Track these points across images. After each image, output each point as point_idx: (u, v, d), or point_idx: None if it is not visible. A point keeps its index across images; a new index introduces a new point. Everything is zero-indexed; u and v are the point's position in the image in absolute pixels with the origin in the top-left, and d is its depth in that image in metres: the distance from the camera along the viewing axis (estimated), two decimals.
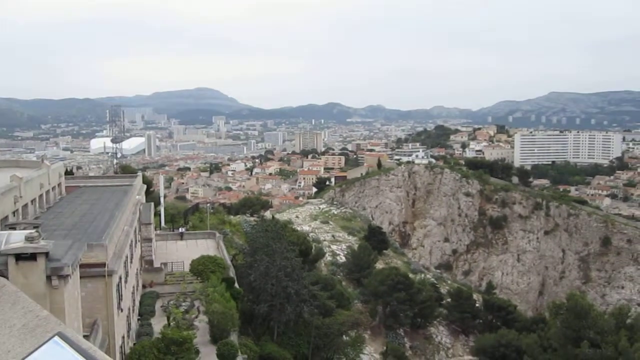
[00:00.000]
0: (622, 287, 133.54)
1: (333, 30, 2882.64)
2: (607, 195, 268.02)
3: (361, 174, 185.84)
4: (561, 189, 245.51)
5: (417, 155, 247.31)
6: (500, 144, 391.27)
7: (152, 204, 57.25)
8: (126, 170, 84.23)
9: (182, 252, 57.10)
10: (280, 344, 43.77)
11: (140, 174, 62.63)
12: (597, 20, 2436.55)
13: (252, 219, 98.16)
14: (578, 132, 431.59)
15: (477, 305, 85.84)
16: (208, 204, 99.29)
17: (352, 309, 62.63)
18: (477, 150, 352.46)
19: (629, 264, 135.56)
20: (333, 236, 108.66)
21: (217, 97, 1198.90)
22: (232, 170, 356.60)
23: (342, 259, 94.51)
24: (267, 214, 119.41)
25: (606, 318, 45.36)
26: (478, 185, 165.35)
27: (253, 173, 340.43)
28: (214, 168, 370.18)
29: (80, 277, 23.60)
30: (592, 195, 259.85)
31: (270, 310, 44.30)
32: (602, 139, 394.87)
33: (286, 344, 44.51)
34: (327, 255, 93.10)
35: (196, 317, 39.95)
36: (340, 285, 73.15)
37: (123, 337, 31.03)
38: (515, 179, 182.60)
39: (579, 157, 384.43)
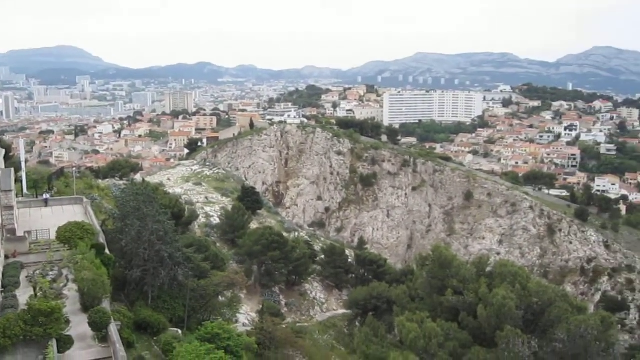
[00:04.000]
0: (483, 238, 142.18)
1: None
2: (469, 152, 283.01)
3: (234, 134, 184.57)
4: (427, 147, 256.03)
5: (289, 115, 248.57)
6: (370, 103, 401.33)
7: (12, 169, 54.10)
8: None
9: (48, 219, 54.53)
10: (155, 309, 43.18)
11: None
12: None
13: (121, 182, 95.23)
14: (443, 92, 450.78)
15: (349, 260, 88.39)
16: (74, 168, 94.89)
17: (228, 269, 62.56)
18: (347, 110, 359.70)
19: (489, 216, 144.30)
20: (206, 198, 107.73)
21: (81, 56, 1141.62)
22: (99, 133, 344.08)
23: (216, 220, 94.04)
24: (138, 177, 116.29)
25: (468, 267, 48.10)
26: (349, 144, 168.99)
27: (121, 135, 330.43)
28: (80, 130, 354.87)
29: None
30: (455, 152, 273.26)
31: (144, 275, 43.49)
32: (465, 99, 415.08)
33: (161, 308, 43.97)
34: (200, 217, 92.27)
35: (65, 285, 38.56)
36: (214, 246, 72.84)
37: None
38: (384, 138, 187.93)
39: (443, 116, 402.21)
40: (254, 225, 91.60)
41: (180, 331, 41.58)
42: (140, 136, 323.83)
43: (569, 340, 37.67)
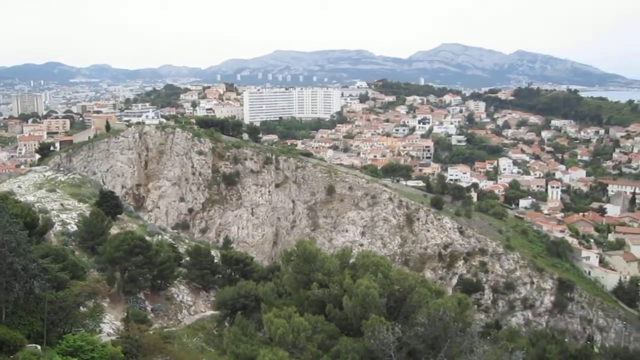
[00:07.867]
0: (346, 231, 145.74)
1: None
2: (329, 147, 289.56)
3: (89, 137, 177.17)
4: (289, 143, 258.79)
5: (147, 116, 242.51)
6: (230, 102, 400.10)
7: None
8: None
9: None
10: (10, 325, 40.80)
11: None
12: None
13: None
14: (302, 89, 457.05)
15: (215, 261, 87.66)
16: None
17: (88, 278, 60.10)
18: (207, 109, 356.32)
19: (351, 209, 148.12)
20: (62, 205, 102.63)
21: None
22: None
23: (73, 227, 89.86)
24: None
25: (332, 260, 48.95)
26: (210, 143, 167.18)
27: None
28: None
29: None
30: (316, 147, 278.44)
31: None
32: (324, 95, 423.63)
33: (17, 324, 41.60)
34: (56, 225, 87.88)
35: None
36: (73, 255, 69.64)
37: None
38: (245, 136, 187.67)
39: (303, 113, 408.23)
40: (114, 230, 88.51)
41: (39, 347, 39.58)
42: None
43: (429, 323, 39.40)
